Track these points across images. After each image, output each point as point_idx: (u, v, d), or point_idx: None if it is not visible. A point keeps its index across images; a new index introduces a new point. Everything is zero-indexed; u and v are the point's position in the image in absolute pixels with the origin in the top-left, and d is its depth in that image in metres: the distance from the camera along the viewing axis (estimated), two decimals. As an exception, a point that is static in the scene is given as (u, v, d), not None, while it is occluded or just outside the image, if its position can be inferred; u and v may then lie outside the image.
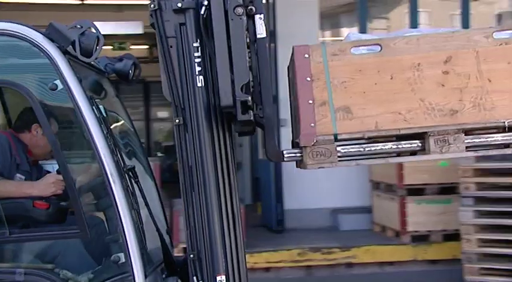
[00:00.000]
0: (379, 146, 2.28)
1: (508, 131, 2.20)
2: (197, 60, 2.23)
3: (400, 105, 2.21)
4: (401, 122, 2.21)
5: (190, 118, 2.25)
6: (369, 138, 2.25)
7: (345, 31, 9.26)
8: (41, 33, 2.28)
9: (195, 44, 2.24)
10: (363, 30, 7.78)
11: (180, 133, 2.27)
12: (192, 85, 2.25)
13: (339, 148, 2.22)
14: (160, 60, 2.30)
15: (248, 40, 2.17)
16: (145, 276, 2.20)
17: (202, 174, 2.24)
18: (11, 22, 2.31)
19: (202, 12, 2.16)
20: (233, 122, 2.25)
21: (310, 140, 2.18)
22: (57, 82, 2.24)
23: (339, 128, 2.20)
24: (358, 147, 2.29)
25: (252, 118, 2.07)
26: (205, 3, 2.15)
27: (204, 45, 2.24)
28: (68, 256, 2.35)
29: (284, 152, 2.29)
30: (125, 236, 2.17)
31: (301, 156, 2.27)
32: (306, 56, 2.21)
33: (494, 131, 2.26)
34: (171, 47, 2.27)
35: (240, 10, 2.01)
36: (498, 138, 2.25)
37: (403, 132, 2.22)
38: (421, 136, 2.25)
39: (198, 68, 2.23)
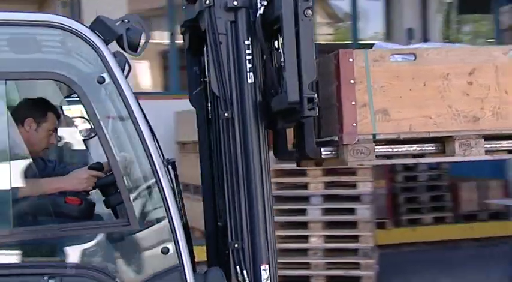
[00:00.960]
0: (405, 147, 2.50)
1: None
2: (248, 57, 2.32)
3: (431, 110, 2.43)
4: (432, 125, 2.43)
5: (238, 112, 2.34)
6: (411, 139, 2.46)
7: (156, 34, 9.52)
8: (87, 26, 2.26)
9: (246, 42, 2.33)
10: (173, 35, 8.26)
11: (227, 127, 2.35)
12: (240, 81, 2.34)
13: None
14: (210, 56, 2.37)
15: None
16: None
17: (246, 166, 2.33)
18: (57, 14, 2.26)
19: (261, 12, 2.26)
20: (284, 117, 2.36)
21: (352, 139, 2.34)
22: (105, 75, 2.22)
23: (377, 129, 2.39)
24: (388, 148, 2.48)
25: (317, 114, 2.19)
26: (265, 3, 2.25)
27: (255, 43, 2.34)
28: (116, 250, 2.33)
29: (322, 149, 2.44)
30: (174, 227, 2.21)
31: (337, 153, 2.43)
32: (350, 60, 2.37)
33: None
34: (221, 43, 2.34)
35: (309, 12, 2.13)
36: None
37: (432, 135, 2.44)
38: (443, 139, 2.48)
39: (249, 65, 2.32)
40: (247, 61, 2.33)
